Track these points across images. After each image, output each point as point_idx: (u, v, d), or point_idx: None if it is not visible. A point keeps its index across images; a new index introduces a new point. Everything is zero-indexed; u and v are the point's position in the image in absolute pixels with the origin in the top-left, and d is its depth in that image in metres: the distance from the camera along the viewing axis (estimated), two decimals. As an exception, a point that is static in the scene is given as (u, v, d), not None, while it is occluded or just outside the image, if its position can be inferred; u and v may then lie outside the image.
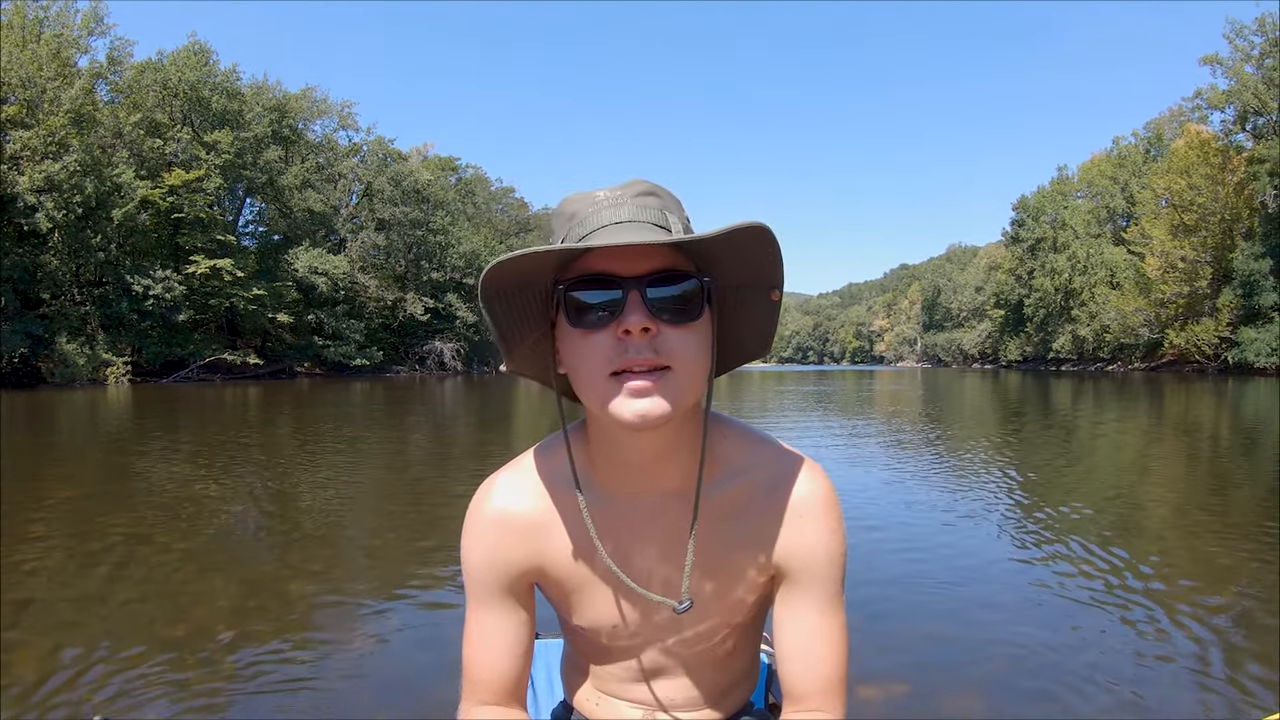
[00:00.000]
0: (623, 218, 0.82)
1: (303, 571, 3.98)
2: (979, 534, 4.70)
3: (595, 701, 1.04)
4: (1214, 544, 4.36)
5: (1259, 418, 13.68)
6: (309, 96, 47.42)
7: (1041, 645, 2.81)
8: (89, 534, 4.72)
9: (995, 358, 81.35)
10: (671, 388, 0.78)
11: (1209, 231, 44.66)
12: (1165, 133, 58.37)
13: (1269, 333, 39.37)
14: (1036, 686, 2.48)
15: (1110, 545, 4.21)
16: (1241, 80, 42.35)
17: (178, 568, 4.02)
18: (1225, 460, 8.36)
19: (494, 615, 0.94)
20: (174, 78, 37.61)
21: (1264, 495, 5.94)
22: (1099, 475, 7.46)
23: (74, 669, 2.64)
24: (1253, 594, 3.40)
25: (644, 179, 0.87)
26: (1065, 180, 70.18)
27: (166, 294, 33.19)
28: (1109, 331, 53.66)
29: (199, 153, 37.40)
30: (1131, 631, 2.97)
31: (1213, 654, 2.71)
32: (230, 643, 2.89)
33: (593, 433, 0.91)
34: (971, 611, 3.24)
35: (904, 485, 6.48)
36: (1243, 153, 43.58)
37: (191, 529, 4.93)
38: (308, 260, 41.81)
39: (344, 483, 6.94)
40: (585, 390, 0.82)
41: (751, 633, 1.04)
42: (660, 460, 0.89)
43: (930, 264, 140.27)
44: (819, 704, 0.90)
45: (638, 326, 0.77)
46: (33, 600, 3.47)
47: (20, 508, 5.50)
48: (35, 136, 29.36)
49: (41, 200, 29.08)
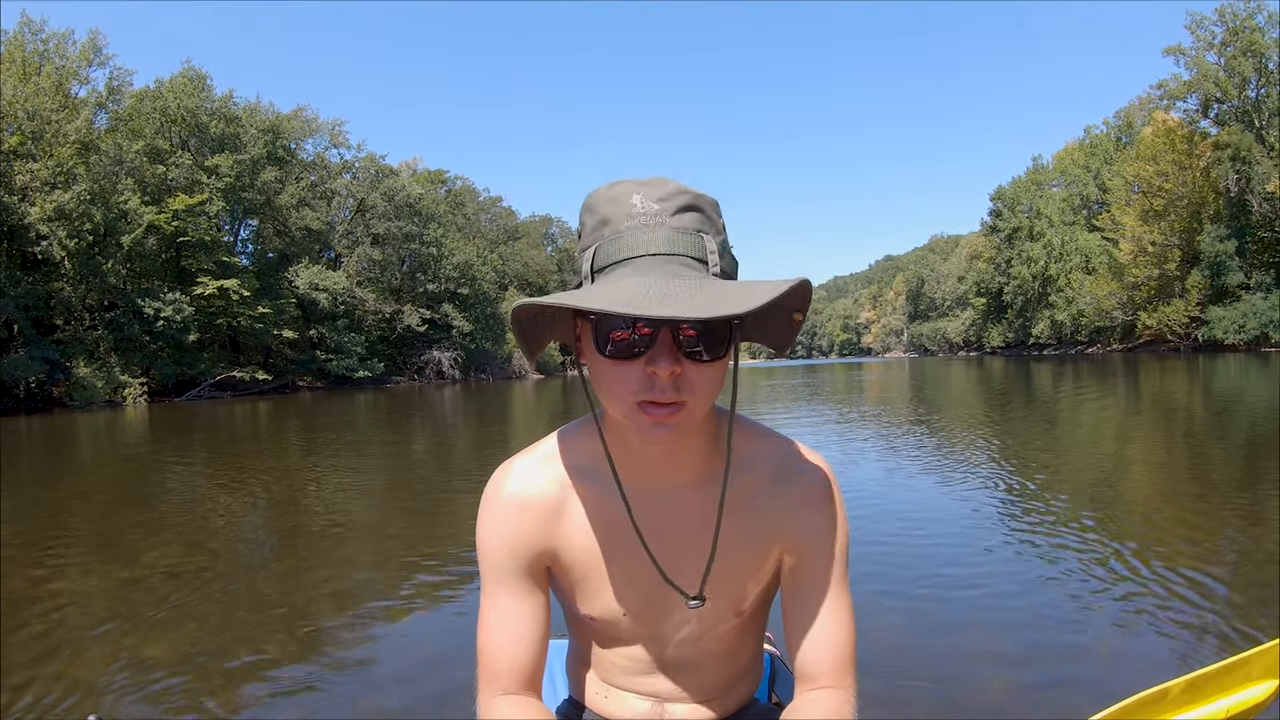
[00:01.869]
0: (659, 248, 0.78)
1: (307, 572, 4.04)
2: (967, 508, 4.96)
3: (604, 695, 1.04)
4: (1191, 509, 4.67)
5: (1228, 391, 14.83)
6: (300, 116, 48.51)
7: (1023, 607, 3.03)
8: (118, 548, 4.93)
9: (979, 345, 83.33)
10: (685, 418, 0.81)
11: (1177, 216, 46.45)
12: (1135, 120, 60.17)
13: (1236, 310, 41.21)
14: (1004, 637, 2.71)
15: (1090, 513, 4.55)
16: (1202, 70, 44.10)
17: (183, 571, 4.12)
18: (1201, 433, 8.88)
19: (511, 599, 0.94)
20: (173, 105, 38.63)
21: (1240, 461, 6.47)
22: (1080, 447, 8.11)
23: (73, 669, 2.65)
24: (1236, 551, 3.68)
25: (677, 182, 0.84)
26: (1041, 170, 72.12)
27: (176, 315, 34.21)
28: (1085, 315, 55.63)
29: (200, 177, 38.45)
30: (1104, 588, 3.21)
31: (1188, 604, 2.92)
32: (230, 642, 2.91)
33: (610, 428, 0.91)
34: (952, 577, 3.44)
35: (897, 464, 6.96)
36: (1208, 139, 45.37)
37: (209, 534, 5.17)
38: (308, 277, 42.90)
39: (358, 485, 7.44)
40: (608, 404, 0.84)
41: (755, 626, 1.04)
42: (675, 456, 0.91)
43: (914, 255, 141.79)
44: (832, 681, 0.92)
45: (665, 371, 0.78)
46: (35, 604, 3.54)
47: (44, 522, 5.83)
48: (44, 168, 30.31)
49: (54, 229, 30.04)
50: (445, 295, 53.97)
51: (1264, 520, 4.18)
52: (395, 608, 3.36)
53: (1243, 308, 40.95)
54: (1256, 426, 8.82)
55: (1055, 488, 5.59)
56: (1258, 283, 41.60)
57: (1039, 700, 2.24)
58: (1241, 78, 43.24)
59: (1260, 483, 5.35)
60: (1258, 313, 40.02)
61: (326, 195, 50.27)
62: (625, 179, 0.85)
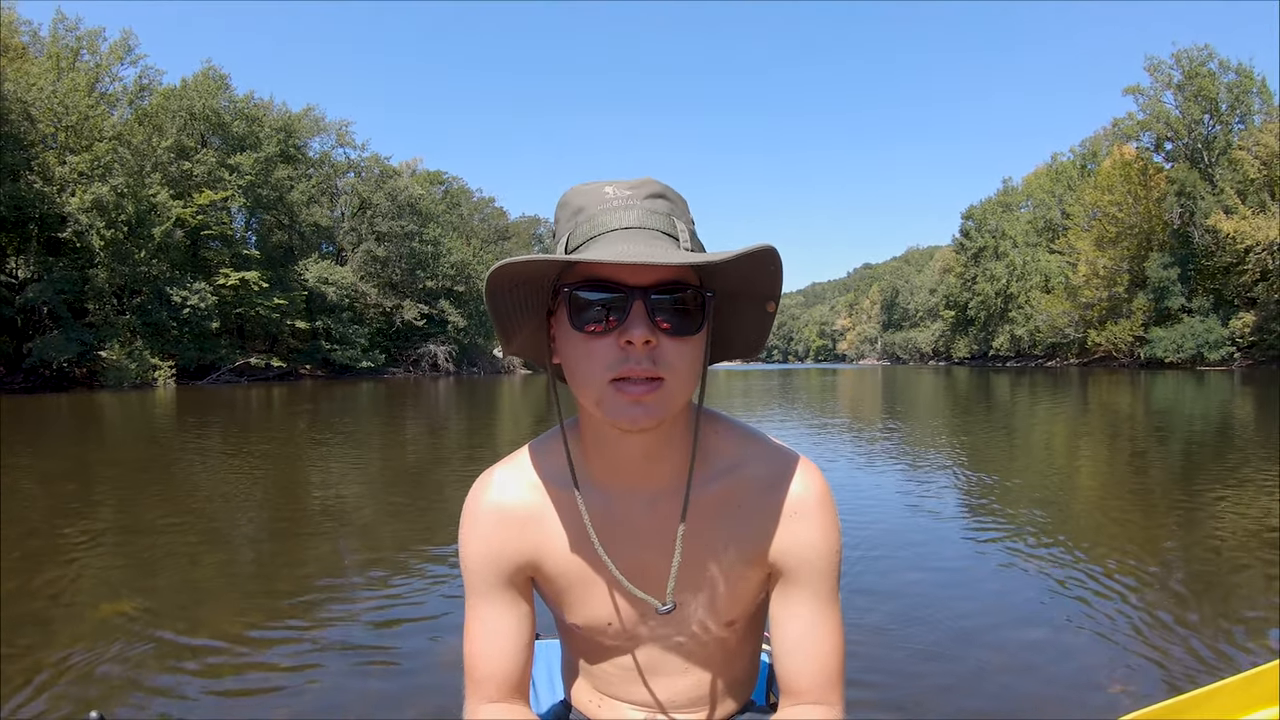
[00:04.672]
0: (631, 223, 0.81)
1: (309, 571, 3.99)
2: (930, 506, 5.44)
3: (596, 703, 1.04)
4: (1121, 510, 5.19)
5: (1160, 403, 16.46)
6: (310, 116, 50.80)
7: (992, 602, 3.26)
8: (138, 524, 5.12)
9: (948, 355, 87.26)
10: (663, 397, 0.80)
11: (1128, 243, 50.22)
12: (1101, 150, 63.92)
13: (1175, 331, 45.11)
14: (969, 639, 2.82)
15: (1040, 513, 5.09)
16: (1154, 112, 47.93)
17: (185, 562, 4.15)
18: (1142, 439, 9.73)
19: (494, 610, 0.93)
20: (198, 104, 40.79)
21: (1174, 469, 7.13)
22: (1032, 450, 8.94)
23: (72, 669, 2.63)
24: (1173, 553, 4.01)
25: (653, 178, 0.86)
26: (1010, 191, 76.07)
27: (201, 304, 36.55)
28: (1040, 331, 59.61)
29: (223, 174, 40.71)
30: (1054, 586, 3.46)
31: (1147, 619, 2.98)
32: (232, 643, 2.90)
33: (586, 430, 0.91)
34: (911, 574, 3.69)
35: (872, 467, 7.41)
36: (1162, 171, 49.08)
37: (224, 517, 5.34)
38: (317, 271, 45.38)
39: (360, 470, 7.96)
40: (581, 388, 0.82)
41: (750, 633, 1.03)
42: (651, 459, 0.89)
43: (890, 264, 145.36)
44: (817, 698, 0.90)
45: (640, 339, 0.77)
46: (34, 597, 3.50)
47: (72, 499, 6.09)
48: (83, 161, 32.37)
49: (93, 218, 32.17)
50: (442, 292, 56.46)
51: (1189, 515, 4.92)
52: (425, 615, 3.21)
53: (1182, 329, 44.84)
54: (1192, 439, 9.67)
55: (1004, 481, 6.41)
56: (1198, 306, 45.50)
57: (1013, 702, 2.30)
58: (1193, 119, 47.09)
59: (1193, 483, 6.24)
60: (1195, 334, 43.90)
61: (331, 193, 52.64)
62: (599, 180, 0.88)
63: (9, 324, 31.68)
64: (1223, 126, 46.45)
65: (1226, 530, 4.48)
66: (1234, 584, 3.48)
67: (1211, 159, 46.58)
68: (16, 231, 31.89)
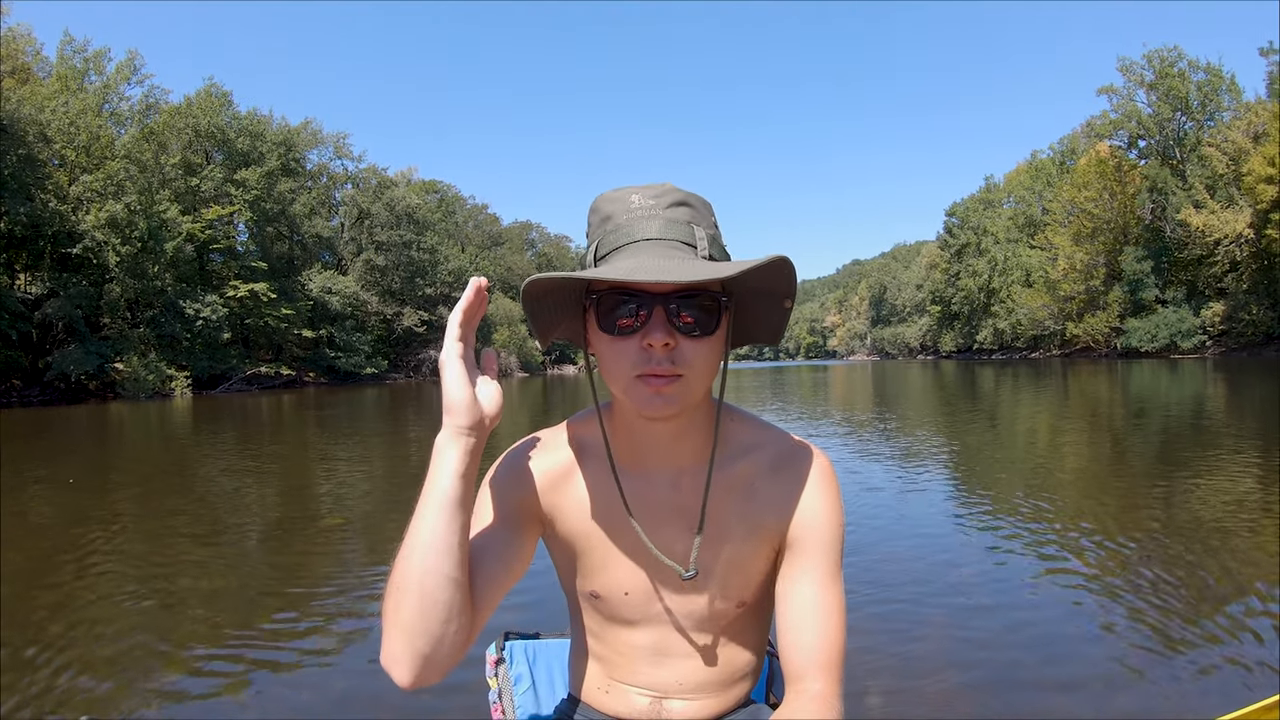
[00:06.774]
0: (653, 233, 0.88)
1: (310, 573, 4.00)
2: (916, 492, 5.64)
3: (605, 690, 1.07)
4: (1097, 488, 5.52)
5: (1137, 391, 17.32)
6: (309, 129, 51.98)
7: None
8: (153, 531, 5.22)
9: (935, 349, 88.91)
10: (682, 391, 0.88)
11: (1104, 237, 51.94)
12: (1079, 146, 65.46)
13: (1149, 322, 46.93)
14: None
15: (1031, 494, 5.30)
16: (1126, 112, 49.68)
17: (181, 568, 4.17)
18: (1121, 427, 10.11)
19: (488, 522, 0.96)
20: (202, 122, 41.93)
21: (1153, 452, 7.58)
22: (1016, 438, 9.26)
23: (69, 669, 2.67)
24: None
25: (676, 185, 0.93)
26: (993, 188, 77.61)
27: (213, 316, 37.73)
28: (1022, 325, 61.40)
29: (230, 190, 41.88)
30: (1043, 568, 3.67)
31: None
32: (232, 642, 2.92)
33: (617, 413, 0.99)
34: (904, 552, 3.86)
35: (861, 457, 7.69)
36: (1136, 168, 50.78)
37: (231, 522, 5.42)
38: (321, 281, 46.61)
39: (365, 471, 8.14)
40: (611, 382, 0.91)
41: (755, 621, 1.07)
42: (675, 440, 0.97)
43: (878, 261, 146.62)
44: (817, 675, 0.92)
45: (659, 342, 0.85)
46: (35, 599, 3.56)
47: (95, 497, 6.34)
48: (96, 179, 33.44)
49: (108, 235, 33.26)
50: (440, 298, 57.64)
51: (1168, 493, 5.24)
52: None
53: (1156, 319, 46.64)
54: (1170, 423, 10.19)
55: (989, 465, 7.00)
56: (1171, 298, 47.29)
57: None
58: (1164, 117, 48.86)
59: (1167, 463, 6.86)
60: (1168, 324, 45.71)
61: (330, 204, 53.83)
62: (627, 185, 0.95)
63: (25, 338, 32.66)
64: (1194, 124, 48.26)
65: (1208, 506, 4.78)
66: (1221, 556, 3.67)
67: (1183, 155, 48.39)
68: (30, 249, 32.96)
